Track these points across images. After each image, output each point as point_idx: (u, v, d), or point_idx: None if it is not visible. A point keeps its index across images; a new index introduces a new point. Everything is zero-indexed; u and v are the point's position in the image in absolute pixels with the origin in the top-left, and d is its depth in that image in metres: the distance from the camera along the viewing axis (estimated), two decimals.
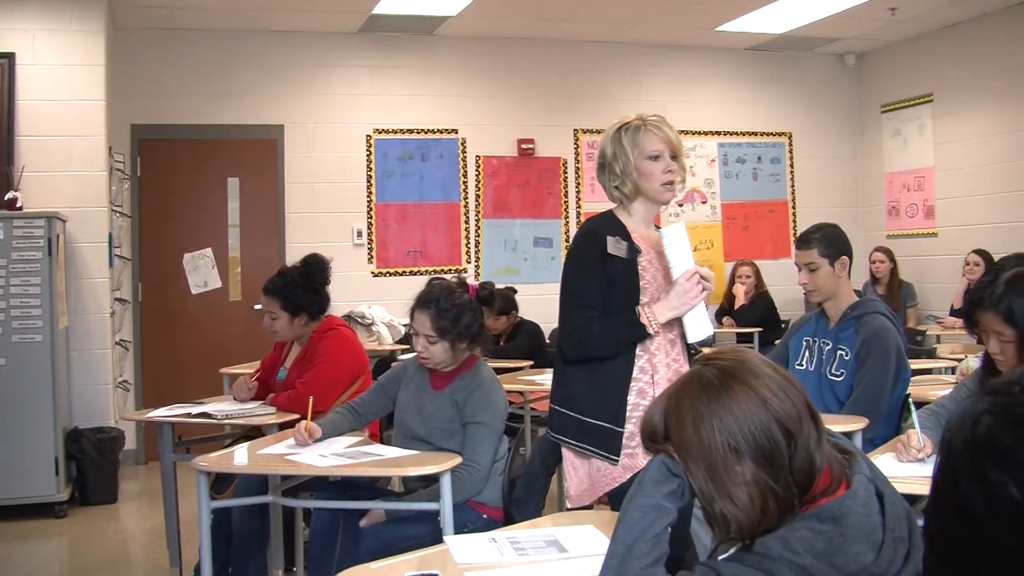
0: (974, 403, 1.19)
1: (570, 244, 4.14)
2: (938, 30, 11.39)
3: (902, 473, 3.59)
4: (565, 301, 4.02)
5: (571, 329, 3.96)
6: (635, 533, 2.21)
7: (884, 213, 12.48)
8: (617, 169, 4.07)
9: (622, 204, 4.13)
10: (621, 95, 11.55)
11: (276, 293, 5.88)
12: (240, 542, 5.42)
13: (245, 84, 10.47)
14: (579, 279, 4.00)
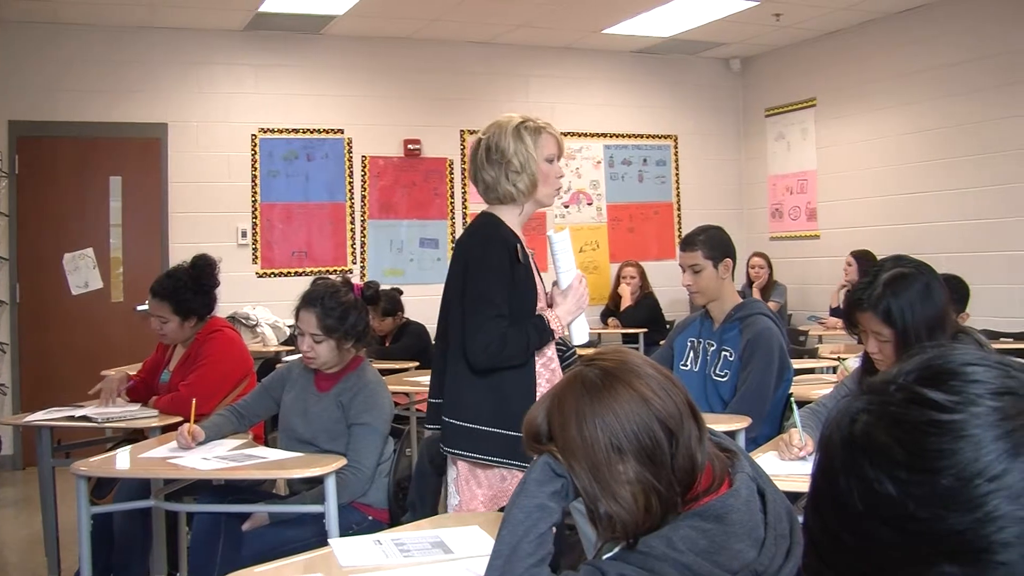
0: (851, 402, 1.20)
1: (470, 248, 3.95)
2: (821, 36, 11.58)
3: (784, 471, 3.64)
4: (477, 309, 3.84)
5: (488, 339, 3.81)
6: (519, 533, 2.21)
7: (768, 215, 12.67)
8: (517, 165, 3.99)
9: (512, 203, 4.05)
10: (508, 96, 11.58)
11: (166, 296, 5.76)
12: (122, 548, 5.33)
13: (128, 81, 10.27)
14: (492, 285, 3.87)
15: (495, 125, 4.09)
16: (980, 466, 1.06)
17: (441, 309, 4.12)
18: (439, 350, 4.09)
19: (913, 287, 3.60)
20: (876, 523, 1.10)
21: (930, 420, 1.10)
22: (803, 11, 10.49)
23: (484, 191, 4.08)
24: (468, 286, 3.88)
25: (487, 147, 4.04)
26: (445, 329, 4.07)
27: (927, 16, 10.34)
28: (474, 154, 4.09)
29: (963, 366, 1.15)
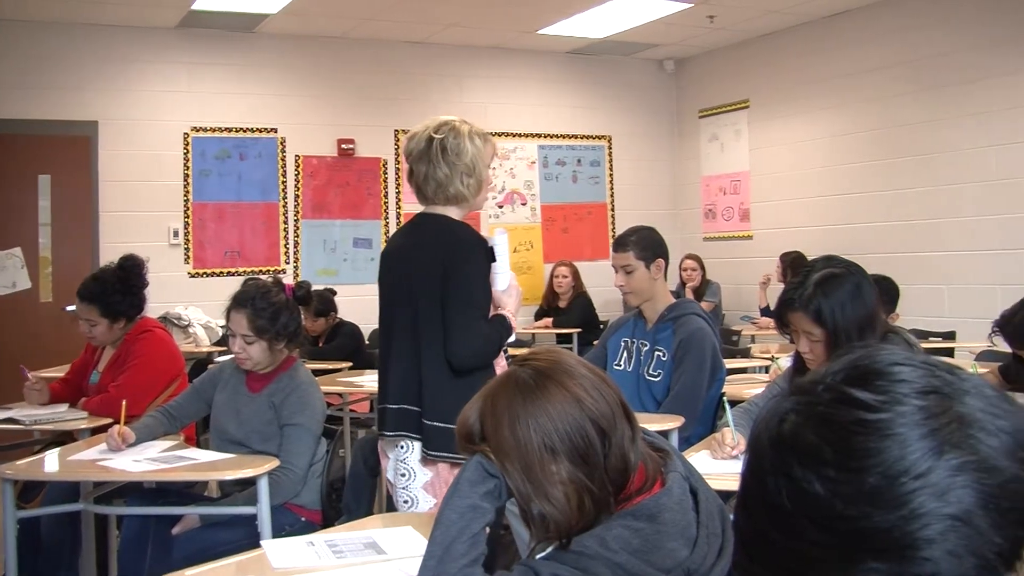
0: (780, 402, 1.22)
1: (452, 249, 3.95)
2: (754, 38, 11.68)
3: (717, 470, 3.66)
4: (465, 311, 3.89)
5: (477, 340, 3.88)
6: (453, 534, 2.20)
7: (701, 216, 12.74)
8: (469, 167, 4.03)
9: (459, 203, 4.10)
10: (442, 96, 11.57)
11: (94, 300, 5.68)
12: (50, 552, 5.25)
13: (57, 78, 10.13)
14: (477, 287, 3.95)
15: (447, 127, 4.08)
16: (906, 464, 1.08)
17: (391, 311, 4.10)
18: (400, 353, 4.03)
19: (843, 287, 3.64)
20: (804, 522, 1.11)
21: (857, 419, 1.12)
22: (736, 13, 10.57)
23: (434, 189, 4.07)
24: (453, 288, 3.89)
25: (442, 146, 4.03)
26: (391, 330, 4.07)
27: (857, 20, 10.45)
28: (424, 152, 4.06)
29: (889, 366, 1.17)
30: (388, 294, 4.13)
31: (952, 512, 1.07)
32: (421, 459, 3.95)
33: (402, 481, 3.99)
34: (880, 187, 10.30)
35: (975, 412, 1.14)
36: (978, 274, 9.36)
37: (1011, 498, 1.11)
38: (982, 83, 9.28)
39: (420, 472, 3.95)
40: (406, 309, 4.02)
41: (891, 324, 4.19)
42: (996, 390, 1.20)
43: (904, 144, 10.02)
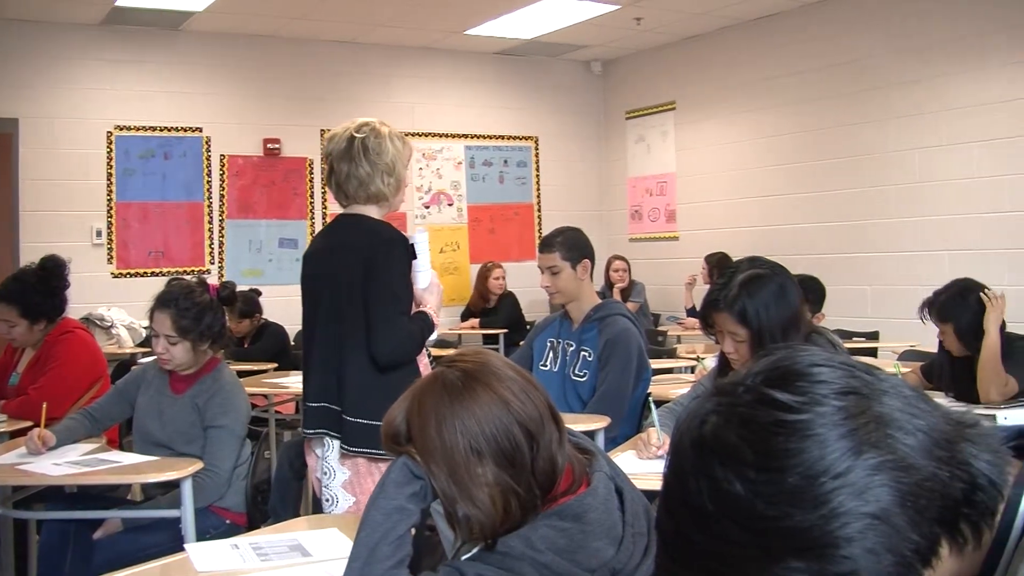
0: (701, 403, 1.23)
1: (374, 249, 3.96)
2: (681, 41, 11.75)
3: (642, 470, 3.68)
4: (388, 309, 3.92)
5: (400, 337, 3.91)
6: (378, 535, 2.19)
7: (627, 217, 12.80)
8: (389, 167, 4.07)
9: (379, 203, 4.13)
10: (369, 96, 11.53)
11: (13, 300, 5.60)
12: None
13: None
14: (399, 285, 3.98)
15: (368, 127, 4.11)
16: (825, 464, 1.10)
17: (314, 311, 4.10)
18: (322, 352, 4.04)
19: (768, 288, 3.66)
20: (726, 522, 1.13)
21: (777, 420, 1.14)
22: (664, 16, 10.63)
23: (356, 187, 4.09)
24: (376, 286, 3.92)
25: (364, 146, 4.06)
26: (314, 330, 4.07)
27: (783, 24, 10.55)
28: (346, 151, 4.08)
29: (809, 367, 1.19)
30: (311, 294, 4.14)
31: (871, 511, 1.09)
32: (340, 457, 3.95)
33: (324, 479, 4.01)
34: (804, 189, 10.41)
35: (893, 412, 1.17)
36: (900, 275, 9.47)
37: (928, 496, 1.14)
38: (905, 87, 9.40)
39: (339, 470, 3.96)
40: (328, 308, 4.03)
41: (815, 324, 4.23)
42: (914, 390, 1.23)
43: (828, 147, 10.13)
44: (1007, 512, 1.25)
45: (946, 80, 9.07)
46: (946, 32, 9.05)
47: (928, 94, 9.21)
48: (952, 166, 9.03)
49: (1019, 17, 8.47)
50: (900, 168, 9.47)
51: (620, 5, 10.14)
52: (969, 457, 1.21)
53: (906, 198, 9.43)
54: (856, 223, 9.89)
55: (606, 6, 10.18)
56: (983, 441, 1.24)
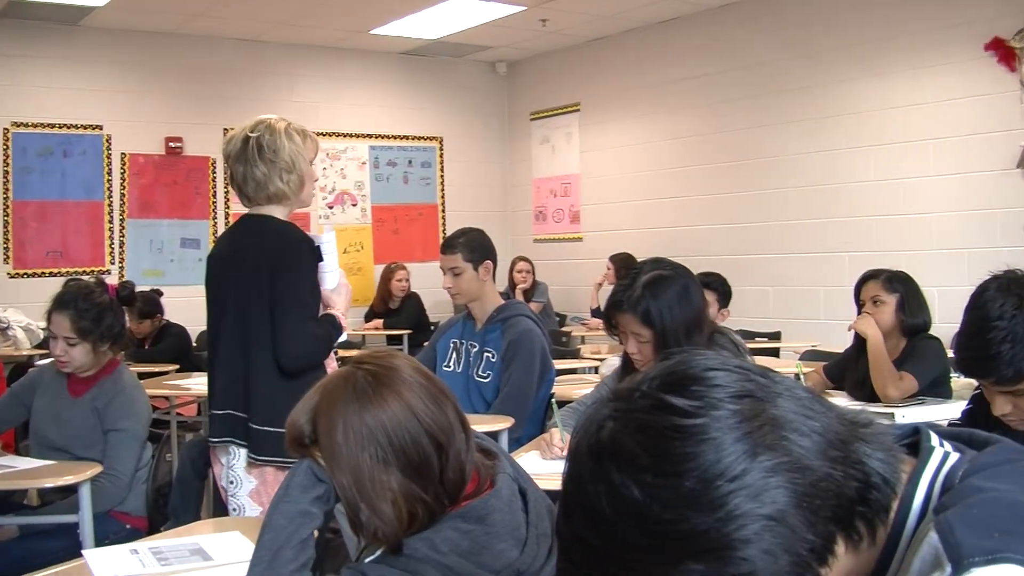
0: (598, 409, 1.24)
1: (278, 252, 3.89)
2: (586, 43, 11.82)
3: (546, 470, 3.68)
4: (294, 313, 3.85)
5: (306, 343, 3.85)
6: (281, 539, 2.17)
7: (532, 218, 12.84)
8: (288, 164, 3.98)
9: (280, 202, 4.04)
10: (273, 95, 11.45)
11: None
12: None
13: None
14: (305, 289, 3.92)
15: (263, 125, 4.03)
16: (721, 467, 1.11)
17: (218, 315, 4.01)
18: (227, 358, 3.96)
19: (671, 289, 3.68)
20: (623, 526, 1.13)
21: (673, 425, 1.15)
22: (569, 18, 10.68)
23: (254, 189, 4.01)
24: (281, 289, 3.84)
25: (258, 145, 3.98)
26: (218, 334, 4.00)
27: (687, 27, 10.65)
28: (241, 152, 4.01)
29: (704, 371, 1.21)
30: (215, 298, 4.05)
31: (767, 512, 1.11)
32: (247, 465, 3.88)
33: (231, 488, 3.94)
34: (707, 191, 10.52)
35: (788, 414, 1.19)
36: (802, 276, 9.61)
37: (823, 496, 1.16)
38: (805, 91, 9.54)
39: (246, 479, 3.90)
40: (233, 313, 3.95)
41: (718, 325, 4.26)
42: (808, 391, 1.25)
43: (731, 149, 10.25)
44: (901, 509, 1.28)
45: (847, 85, 9.21)
46: (847, 38, 9.19)
47: (829, 99, 9.36)
48: (852, 169, 9.18)
49: (919, 24, 8.63)
50: (801, 171, 9.60)
51: (526, 6, 10.17)
52: (863, 456, 1.23)
53: (807, 200, 9.57)
54: (758, 225, 10.01)
55: (512, 7, 10.20)
56: (876, 440, 1.27)
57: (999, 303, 2.67)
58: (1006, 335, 2.64)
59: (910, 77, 8.74)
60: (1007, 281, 2.75)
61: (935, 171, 8.59)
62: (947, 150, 8.51)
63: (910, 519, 1.28)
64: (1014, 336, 2.63)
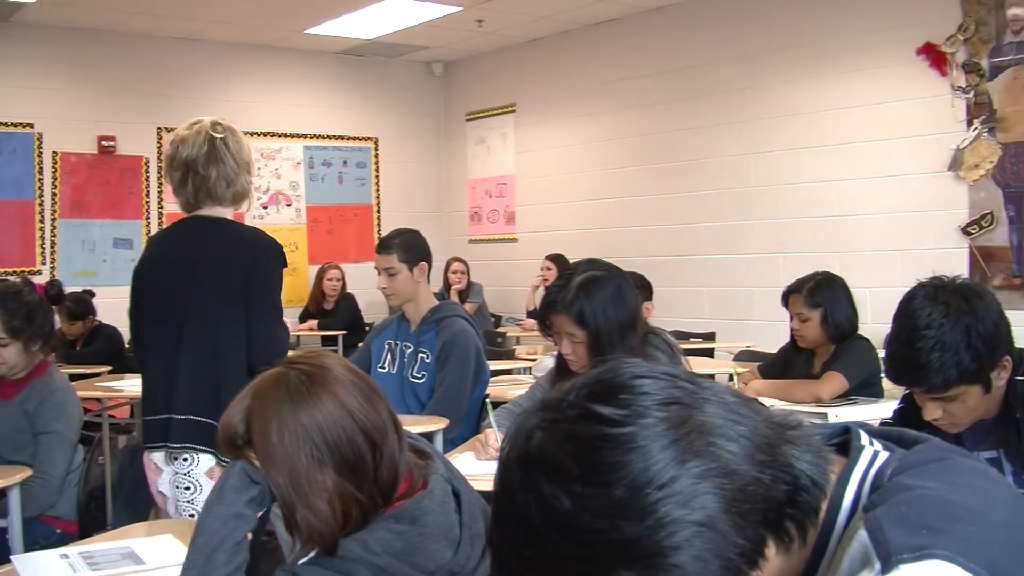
0: (527, 418, 1.24)
1: (257, 257, 3.95)
2: (523, 44, 11.83)
3: (480, 471, 3.68)
4: (272, 316, 3.95)
5: (283, 345, 3.97)
6: (215, 542, 2.15)
7: (467, 218, 12.85)
8: (247, 166, 4.02)
9: (237, 202, 4.06)
10: (208, 94, 11.36)
11: None
12: None
13: None
14: (278, 292, 3.99)
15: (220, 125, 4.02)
16: (650, 475, 1.12)
17: (174, 319, 3.94)
18: (194, 363, 3.90)
19: (605, 290, 3.69)
20: (554, 536, 1.14)
21: (601, 435, 1.16)
22: (505, 18, 10.68)
23: (224, 189, 3.99)
24: (258, 294, 3.88)
25: (226, 145, 3.97)
26: (179, 339, 3.93)
27: (623, 28, 10.69)
28: (209, 153, 3.95)
29: (632, 379, 1.22)
30: (169, 302, 3.97)
31: (697, 518, 1.12)
32: (209, 471, 3.84)
33: (186, 495, 3.87)
34: (643, 192, 10.56)
35: (715, 420, 1.20)
36: (736, 277, 9.67)
37: (752, 500, 1.17)
38: (741, 93, 9.61)
39: (207, 484, 3.82)
40: (196, 316, 3.90)
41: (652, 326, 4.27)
42: (736, 396, 1.27)
43: (666, 150, 10.30)
44: (831, 508, 1.30)
45: (782, 87, 9.29)
46: (782, 41, 9.27)
47: (764, 101, 9.43)
48: (786, 171, 9.25)
49: (853, 28, 8.72)
50: (736, 172, 9.67)
51: (462, 7, 10.17)
52: (791, 459, 1.24)
53: (741, 201, 9.64)
54: (692, 225, 10.07)
55: (448, 8, 10.20)
56: (804, 442, 1.29)
57: (927, 312, 2.71)
58: (935, 344, 2.68)
59: (844, 80, 8.82)
60: (934, 289, 2.78)
61: (869, 173, 8.68)
62: (880, 153, 8.60)
63: (840, 518, 1.30)
64: (942, 344, 2.67)
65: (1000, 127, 7.90)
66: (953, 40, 8.11)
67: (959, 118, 8.13)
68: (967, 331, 2.68)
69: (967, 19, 8.04)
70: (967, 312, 2.70)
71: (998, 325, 2.74)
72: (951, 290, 2.76)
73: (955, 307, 2.70)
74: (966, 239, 8.08)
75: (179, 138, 4.02)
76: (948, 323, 2.68)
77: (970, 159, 8.04)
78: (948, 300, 2.72)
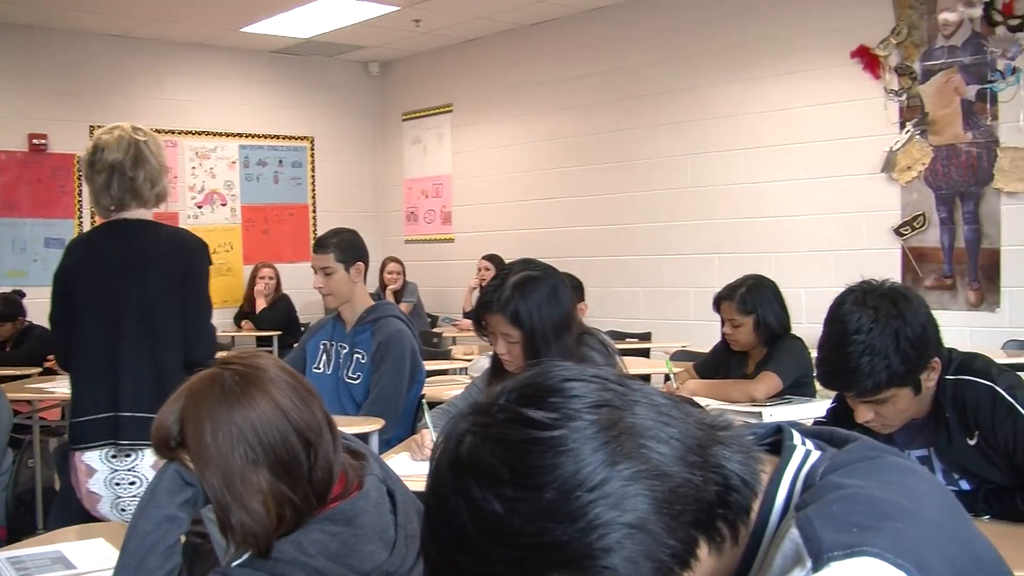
0: (457, 423, 1.25)
1: (191, 258, 4.10)
2: (459, 44, 11.82)
3: (416, 471, 3.67)
4: (205, 315, 4.14)
5: (216, 341, 4.22)
6: (147, 546, 2.13)
7: (403, 218, 12.83)
8: (160, 170, 4.10)
9: (157, 204, 4.13)
10: (141, 92, 11.27)
11: None
12: None
13: None
14: (208, 291, 4.17)
15: (139, 130, 4.14)
16: (581, 478, 1.13)
17: (115, 319, 4.02)
18: (132, 360, 3.99)
19: (540, 290, 3.70)
20: (486, 541, 1.14)
21: (531, 438, 1.16)
22: (442, 18, 10.67)
23: (149, 190, 4.09)
24: (194, 294, 4.07)
25: (148, 148, 4.07)
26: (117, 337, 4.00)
27: (560, 29, 10.71)
28: (137, 155, 4.05)
29: (562, 383, 1.22)
30: (105, 304, 4.03)
31: (628, 520, 1.12)
32: (154, 463, 3.86)
33: (131, 489, 3.92)
34: (579, 192, 10.59)
35: (646, 421, 1.20)
36: (672, 277, 9.72)
37: (683, 501, 1.18)
38: (677, 95, 9.66)
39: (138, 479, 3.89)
40: (136, 316, 3.98)
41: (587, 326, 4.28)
42: (667, 398, 1.27)
43: (602, 151, 10.33)
44: (763, 507, 1.31)
45: (717, 89, 9.35)
46: (718, 43, 9.33)
47: (700, 102, 9.48)
48: (722, 172, 9.31)
49: (788, 30, 8.79)
50: (672, 173, 9.72)
51: (399, 7, 10.15)
52: (721, 459, 1.25)
53: (678, 202, 9.69)
54: (629, 226, 10.11)
55: (385, 7, 10.17)
56: (735, 442, 1.29)
57: (856, 317, 2.75)
58: (864, 348, 2.72)
59: (779, 82, 8.89)
60: (863, 293, 2.82)
61: (803, 175, 8.76)
62: (815, 154, 8.68)
63: (772, 516, 1.31)
64: (872, 349, 2.71)
65: (932, 130, 8.01)
66: (886, 43, 8.20)
67: (892, 120, 8.23)
68: (896, 335, 2.72)
69: (900, 23, 8.13)
70: (895, 316, 2.73)
71: (926, 328, 2.78)
72: (880, 294, 2.80)
73: (884, 311, 2.74)
74: (899, 240, 8.17)
75: (101, 143, 4.09)
76: (877, 328, 2.72)
77: (903, 161, 8.13)
78: (877, 304, 2.76)
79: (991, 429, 2.86)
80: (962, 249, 7.87)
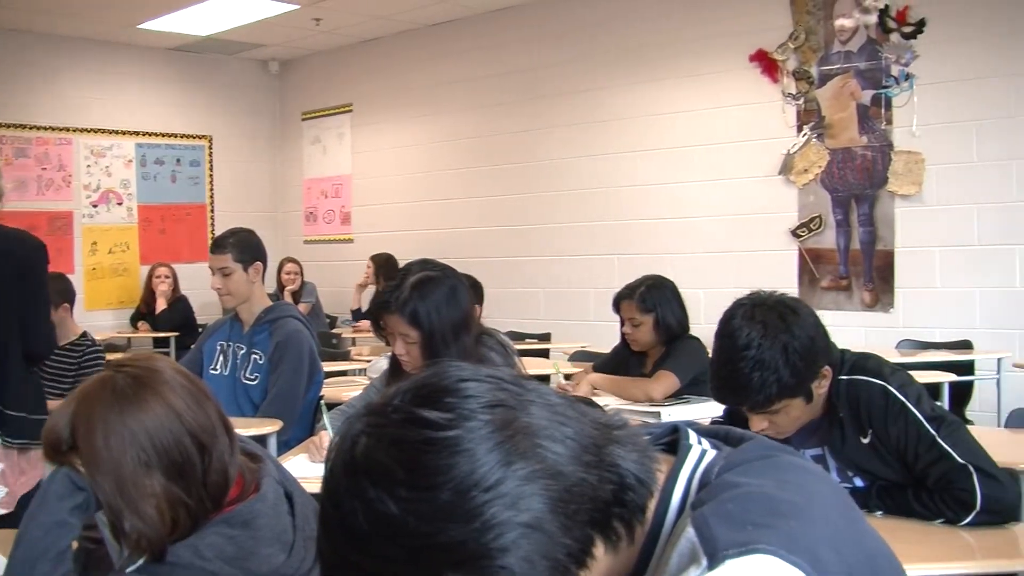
0: (352, 424, 1.24)
1: (27, 256, 4.27)
2: (360, 43, 11.78)
3: (314, 473, 3.64)
4: (45, 309, 4.32)
5: (54, 334, 4.40)
6: (37, 552, 2.10)
7: (302, 218, 12.76)
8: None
9: None
10: (31, 88, 11.05)
11: None
12: None
13: None
14: (46, 287, 4.37)
15: None
16: (476, 478, 1.13)
17: None
18: None
19: (439, 290, 3.70)
20: (381, 541, 1.14)
21: (426, 439, 1.16)
22: (342, 17, 10.63)
23: None
24: (33, 290, 4.22)
25: None
26: None
27: (460, 30, 10.72)
28: None
29: (457, 383, 1.22)
30: None
31: (524, 520, 1.13)
32: None
33: None
34: (478, 193, 10.60)
35: (541, 421, 1.21)
36: (572, 278, 9.77)
37: (578, 500, 1.18)
38: (576, 96, 9.71)
39: None
40: None
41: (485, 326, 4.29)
42: (562, 398, 1.28)
43: (502, 152, 10.35)
44: (659, 506, 1.32)
45: (617, 91, 9.41)
46: (617, 45, 9.40)
47: (599, 104, 9.54)
48: (621, 173, 9.38)
49: (687, 34, 8.88)
50: (572, 174, 9.77)
51: (298, 5, 10.09)
52: (617, 459, 1.26)
53: (577, 203, 9.73)
54: (529, 227, 10.14)
55: (285, 5, 10.11)
56: (631, 442, 1.30)
57: (746, 332, 2.79)
58: (754, 364, 2.75)
59: (679, 85, 8.98)
60: (751, 307, 2.86)
61: (702, 176, 8.85)
62: (713, 156, 8.77)
63: (669, 515, 1.32)
64: (762, 363, 2.75)
65: (828, 133, 8.14)
66: (784, 48, 8.32)
67: (790, 124, 8.35)
68: (784, 349, 2.76)
69: (797, 28, 8.26)
70: (783, 330, 2.78)
71: (814, 339, 2.83)
72: (768, 307, 2.84)
73: (772, 326, 2.78)
74: (796, 241, 8.29)
75: None
76: (766, 343, 2.76)
77: (800, 164, 8.25)
78: (765, 319, 2.79)
79: (883, 427, 2.91)
80: (857, 251, 8.01)
